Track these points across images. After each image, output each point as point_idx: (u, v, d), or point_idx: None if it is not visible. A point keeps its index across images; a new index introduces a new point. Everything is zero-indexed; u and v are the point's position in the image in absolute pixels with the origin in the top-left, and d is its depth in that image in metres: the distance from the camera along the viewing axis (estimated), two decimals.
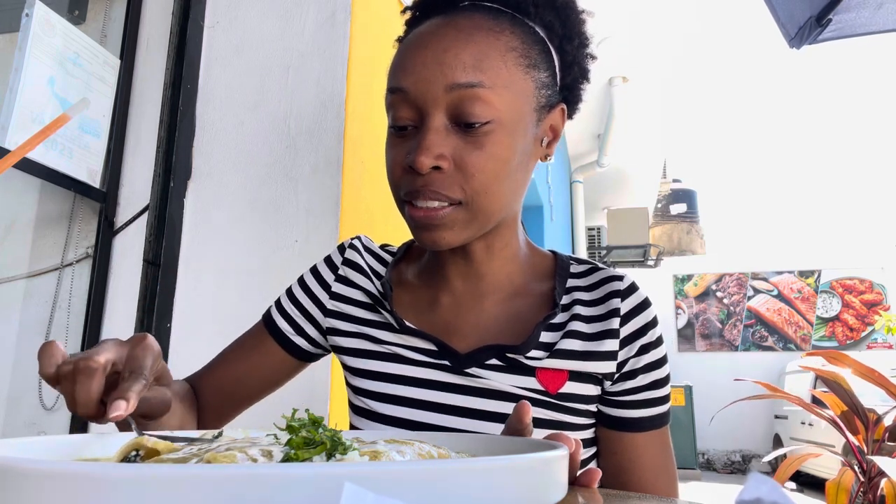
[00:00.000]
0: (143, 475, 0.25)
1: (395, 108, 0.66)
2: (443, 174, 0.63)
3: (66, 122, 0.66)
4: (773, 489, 0.22)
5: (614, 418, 0.72)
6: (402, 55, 0.68)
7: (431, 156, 0.62)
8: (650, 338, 0.71)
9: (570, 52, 0.71)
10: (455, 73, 0.63)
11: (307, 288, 0.81)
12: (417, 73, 0.64)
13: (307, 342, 0.81)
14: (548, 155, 0.73)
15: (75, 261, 1.62)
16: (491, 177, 0.64)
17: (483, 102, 0.63)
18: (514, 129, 0.65)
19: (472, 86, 0.62)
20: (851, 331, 9.86)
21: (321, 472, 0.26)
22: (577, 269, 0.77)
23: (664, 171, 9.01)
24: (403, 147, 0.66)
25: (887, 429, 2.53)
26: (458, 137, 0.64)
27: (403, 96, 0.65)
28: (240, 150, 1.55)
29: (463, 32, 0.64)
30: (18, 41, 1.36)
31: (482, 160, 0.63)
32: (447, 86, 0.63)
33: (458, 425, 0.69)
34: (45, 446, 0.42)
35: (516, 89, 0.65)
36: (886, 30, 2.09)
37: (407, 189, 0.65)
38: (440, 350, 0.72)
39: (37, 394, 1.55)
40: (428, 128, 0.63)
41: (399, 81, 0.66)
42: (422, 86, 0.64)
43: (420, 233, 0.67)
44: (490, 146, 0.63)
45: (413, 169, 0.63)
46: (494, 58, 0.64)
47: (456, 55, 0.63)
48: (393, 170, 0.67)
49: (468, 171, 0.63)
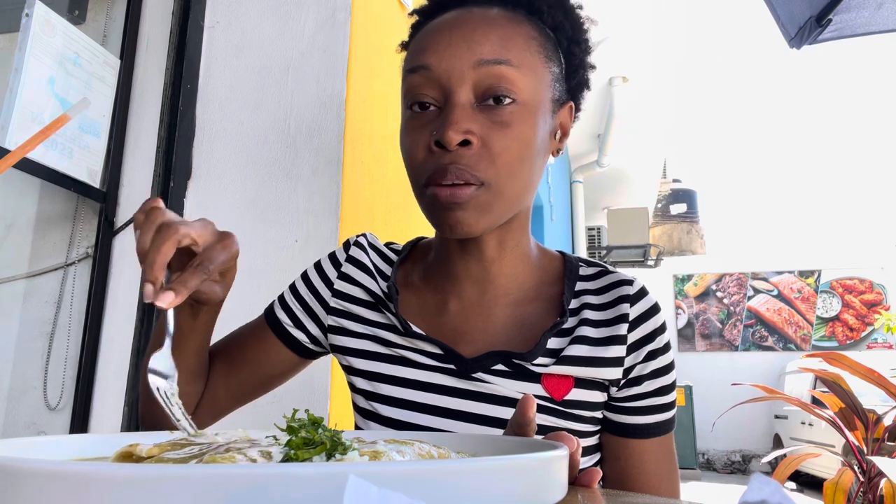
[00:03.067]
0: (143, 475, 0.25)
1: (416, 88, 0.65)
2: (470, 150, 0.62)
3: (67, 122, 0.66)
4: (776, 491, 0.22)
5: (619, 424, 0.71)
6: (422, 39, 0.67)
7: (460, 130, 0.61)
8: (658, 344, 0.71)
9: (577, 56, 0.72)
10: (483, 49, 0.63)
11: (310, 283, 0.80)
12: (442, 51, 0.64)
13: (306, 337, 0.79)
14: (559, 150, 0.73)
15: (76, 261, 1.62)
16: (516, 158, 0.64)
17: (509, 81, 0.63)
18: (536, 113, 0.65)
19: (500, 62, 0.63)
20: (851, 331, 9.86)
21: (321, 472, 0.26)
22: (586, 272, 0.76)
23: (664, 171, 9.01)
24: (426, 128, 0.64)
25: (887, 429, 2.52)
26: (484, 116, 0.63)
27: (427, 75, 0.64)
28: (240, 150, 1.55)
29: (487, 18, 0.66)
30: (18, 41, 1.36)
31: (508, 140, 0.63)
32: (475, 62, 0.63)
33: (462, 430, 0.68)
34: (45, 446, 0.42)
35: (538, 75, 0.66)
36: (886, 30, 2.09)
37: (433, 168, 0.63)
38: (446, 354, 0.71)
39: (37, 394, 1.55)
40: (454, 103, 0.63)
41: (422, 59, 0.65)
42: (448, 63, 0.63)
43: (443, 214, 0.64)
44: (515, 126, 0.63)
45: (440, 146, 0.62)
46: (519, 42, 0.65)
47: (484, 34, 0.64)
48: (414, 152, 0.65)
49: (494, 150, 0.63)
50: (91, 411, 1.53)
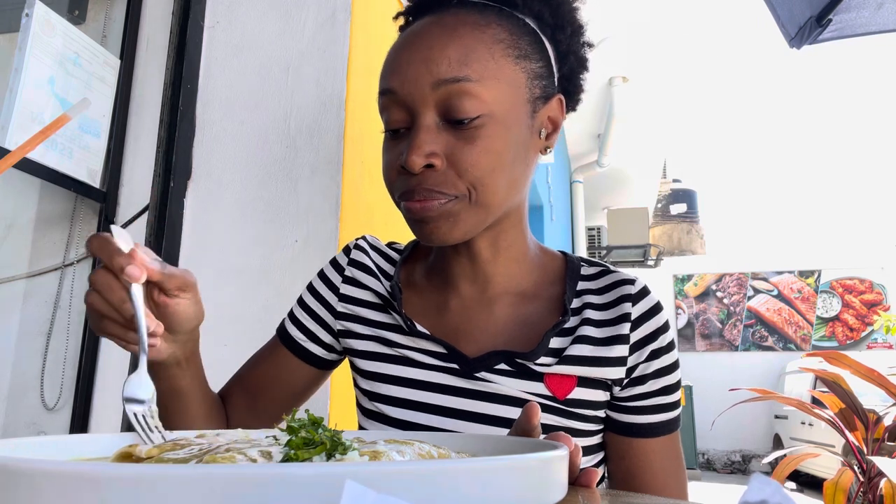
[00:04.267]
0: (142, 475, 0.25)
1: (386, 111, 0.66)
2: (436, 172, 0.63)
3: (67, 122, 0.66)
4: (776, 491, 0.22)
5: (623, 424, 0.71)
6: (389, 57, 0.68)
7: (422, 154, 0.62)
8: (661, 343, 0.70)
9: (564, 42, 0.70)
10: (440, 69, 0.62)
11: (316, 293, 0.80)
12: (403, 72, 0.64)
13: (321, 348, 0.79)
14: (548, 147, 0.72)
15: (76, 261, 1.62)
16: (486, 171, 0.63)
17: (471, 97, 0.62)
18: (507, 121, 0.64)
19: (459, 80, 0.62)
20: (851, 331, 9.86)
21: (321, 472, 0.26)
22: (587, 272, 0.76)
23: (664, 171, 9.01)
24: (397, 149, 0.66)
25: (887, 429, 2.53)
26: (449, 134, 0.63)
27: (393, 98, 0.65)
28: (240, 150, 1.55)
29: (447, 28, 0.64)
30: (18, 41, 1.36)
31: (475, 155, 0.63)
32: (433, 82, 0.62)
33: (466, 430, 0.68)
34: (45, 446, 0.42)
35: (506, 81, 0.64)
36: (886, 30, 2.09)
37: (402, 189, 0.65)
38: (449, 353, 0.71)
39: (37, 394, 1.55)
40: (418, 127, 0.63)
41: (388, 83, 0.65)
42: (409, 85, 0.63)
43: (418, 227, 0.66)
44: (482, 140, 0.63)
45: (406, 169, 0.63)
46: (480, 51, 0.63)
47: (441, 51, 0.63)
48: (388, 172, 0.67)
49: (461, 167, 0.63)
50: (91, 411, 1.53)
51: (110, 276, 0.54)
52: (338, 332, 0.79)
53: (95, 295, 0.55)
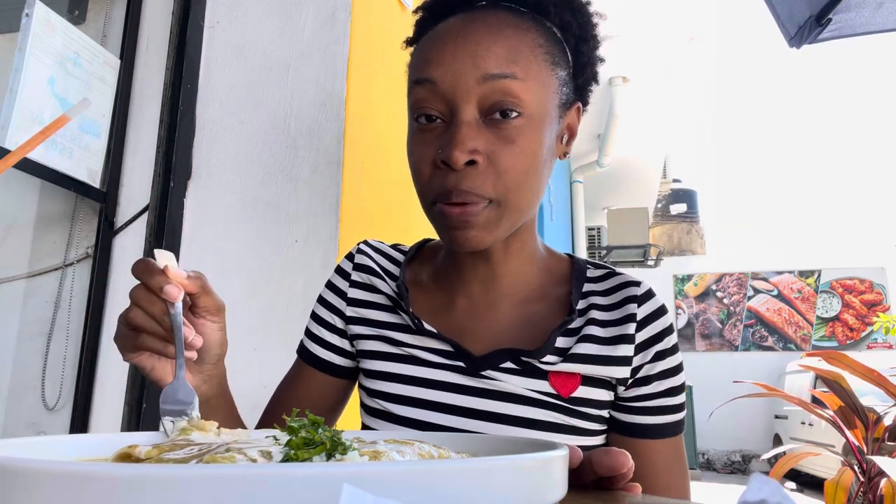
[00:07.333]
0: (143, 475, 0.25)
1: (422, 101, 0.65)
2: (476, 170, 0.62)
3: (67, 122, 0.66)
4: (776, 490, 0.22)
5: (628, 424, 0.72)
6: (428, 48, 0.66)
7: (466, 150, 0.61)
8: (666, 345, 0.71)
9: (586, 54, 0.71)
10: (488, 64, 0.62)
11: (326, 303, 0.81)
12: (447, 64, 0.63)
13: (343, 357, 0.80)
14: (566, 153, 0.73)
15: (76, 261, 1.62)
16: (522, 173, 0.63)
17: (514, 95, 0.62)
18: (542, 124, 0.65)
19: (506, 77, 0.62)
20: (851, 331, 9.86)
21: (321, 472, 0.26)
22: (593, 274, 0.76)
23: (664, 171, 9.01)
24: (432, 144, 0.64)
25: (887, 428, 2.53)
26: (489, 132, 0.63)
27: (432, 88, 0.64)
28: (240, 150, 1.55)
29: (493, 27, 0.64)
30: (18, 41, 1.36)
31: (514, 155, 0.62)
32: (480, 77, 0.62)
33: (471, 428, 0.69)
34: (45, 446, 0.42)
35: (544, 85, 0.65)
36: (886, 29, 2.09)
37: (440, 188, 0.63)
38: (456, 352, 0.71)
39: (37, 394, 1.55)
40: (460, 121, 0.62)
41: (428, 73, 0.64)
42: (453, 78, 0.62)
43: (453, 233, 0.64)
44: (521, 141, 0.63)
45: (446, 165, 0.62)
46: (525, 52, 0.64)
47: (489, 48, 0.63)
48: (420, 166, 0.65)
49: (501, 167, 0.62)
50: (91, 411, 1.53)
51: (150, 292, 0.57)
52: (351, 337, 0.79)
53: (137, 310, 0.58)
